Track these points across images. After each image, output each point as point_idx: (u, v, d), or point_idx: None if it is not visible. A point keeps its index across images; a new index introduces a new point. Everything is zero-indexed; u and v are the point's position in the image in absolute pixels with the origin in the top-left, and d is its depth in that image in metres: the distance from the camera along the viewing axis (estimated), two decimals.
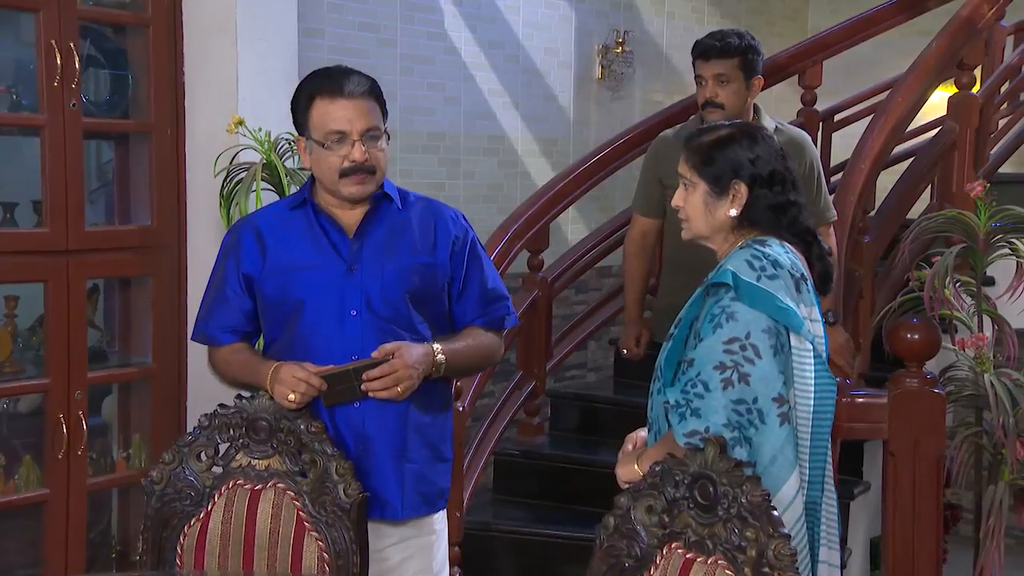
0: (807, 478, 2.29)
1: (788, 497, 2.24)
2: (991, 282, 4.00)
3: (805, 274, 2.35)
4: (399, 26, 4.97)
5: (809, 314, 2.31)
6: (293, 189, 3.43)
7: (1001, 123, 4.81)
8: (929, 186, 4.36)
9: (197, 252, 3.95)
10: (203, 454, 2.52)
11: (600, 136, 5.85)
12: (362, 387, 2.53)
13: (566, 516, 4.30)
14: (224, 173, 3.63)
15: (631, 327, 3.98)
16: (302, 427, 2.46)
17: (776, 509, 2.01)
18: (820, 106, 4.99)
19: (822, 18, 7.21)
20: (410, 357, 2.58)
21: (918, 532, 2.98)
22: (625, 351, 4.00)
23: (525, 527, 4.24)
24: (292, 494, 2.47)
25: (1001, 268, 3.79)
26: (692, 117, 3.80)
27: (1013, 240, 3.44)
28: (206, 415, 2.54)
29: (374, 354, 2.58)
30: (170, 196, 3.94)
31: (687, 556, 2.06)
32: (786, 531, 1.97)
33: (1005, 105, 4.86)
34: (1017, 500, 3.50)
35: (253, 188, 3.41)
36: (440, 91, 5.16)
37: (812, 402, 2.29)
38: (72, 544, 3.67)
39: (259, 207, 3.49)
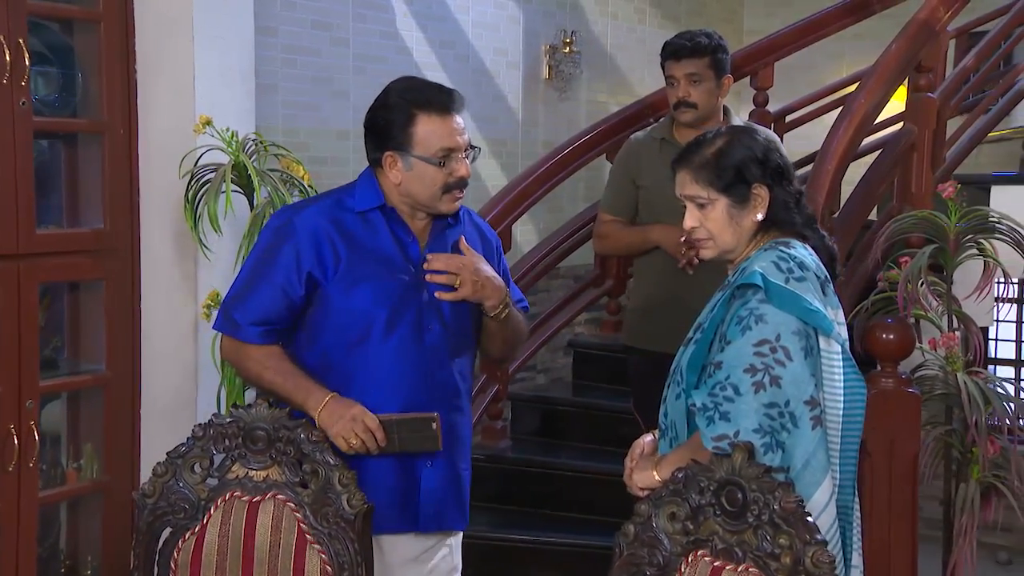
0: (838, 482, 2.26)
1: (822, 502, 2.21)
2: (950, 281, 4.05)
3: (827, 276, 2.33)
4: (351, 25, 4.90)
5: (835, 316, 2.29)
6: (264, 192, 3.33)
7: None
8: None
9: (152, 255, 3.83)
10: (197, 466, 2.42)
11: (548, 137, 5.83)
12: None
13: (532, 520, 4.27)
14: (188, 175, 3.51)
15: (661, 230, 3.62)
16: (302, 436, 2.38)
17: (811, 515, 1.99)
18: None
19: (756, 21, 7.31)
20: (481, 266, 2.66)
21: (894, 531, 3.01)
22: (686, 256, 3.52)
23: (491, 532, 4.20)
24: (292, 505, 2.39)
25: (960, 269, 3.82)
26: (663, 118, 3.77)
27: (981, 240, 3.49)
28: (200, 425, 2.45)
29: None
30: (123, 198, 3.80)
31: (715, 564, 2.02)
32: (822, 537, 1.94)
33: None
34: (983, 497, 3.55)
35: (223, 190, 3.30)
36: None
37: (842, 405, 2.27)
38: (23, 561, 3.52)
39: (228, 208, 3.43)
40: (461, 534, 2.85)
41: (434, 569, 2.74)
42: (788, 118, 5.34)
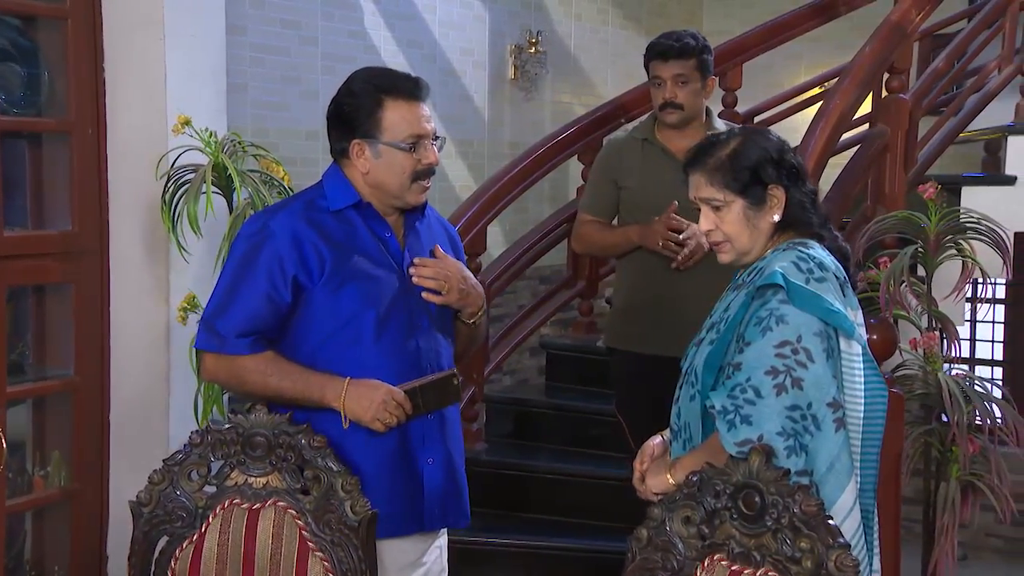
0: (859, 485, 2.25)
1: (847, 505, 2.19)
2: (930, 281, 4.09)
3: (846, 277, 2.32)
4: (320, 24, 4.85)
5: (855, 318, 2.27)
6: (244, 192, 3.26)
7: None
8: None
9: (122, 258, 3.76)
10: (195, 473, 2.35)
11: (515, 138, 5.81)
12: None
13: (509, 523, 4.24)
14: (164, 176, 3.44)
15: (641, 230, 3.57)
16: (303, 442, 2.32)
17: (834, 518, 1.97)
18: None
19: (716, 21, 7.35)
20: (465, 273, 2.67)
21: (879, 530, 3.01)
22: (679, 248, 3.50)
23: (468, 535, 4.14)
24: (294, 512, 2.33)
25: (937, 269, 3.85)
26: (644, 119, 3.76)
27: (960, 241, 3.51)
28: (197, 431, 2.38)
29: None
30: (92, 199, 3.72)
31: (732, 568, 2.00)
32: (845, 541, 1.93)
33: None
34: (961, 497, 3.58)
35: (203, 191, 3.23)
36: None
37: (863, 407, 2.25)
38: None
39: (208, 210, 3.36)
40: (446, 535, 2.82)
41: (428, 572, 2.72)
42: (756, 119, 5.36)
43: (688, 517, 2.06)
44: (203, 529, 2.34)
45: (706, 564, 2.03)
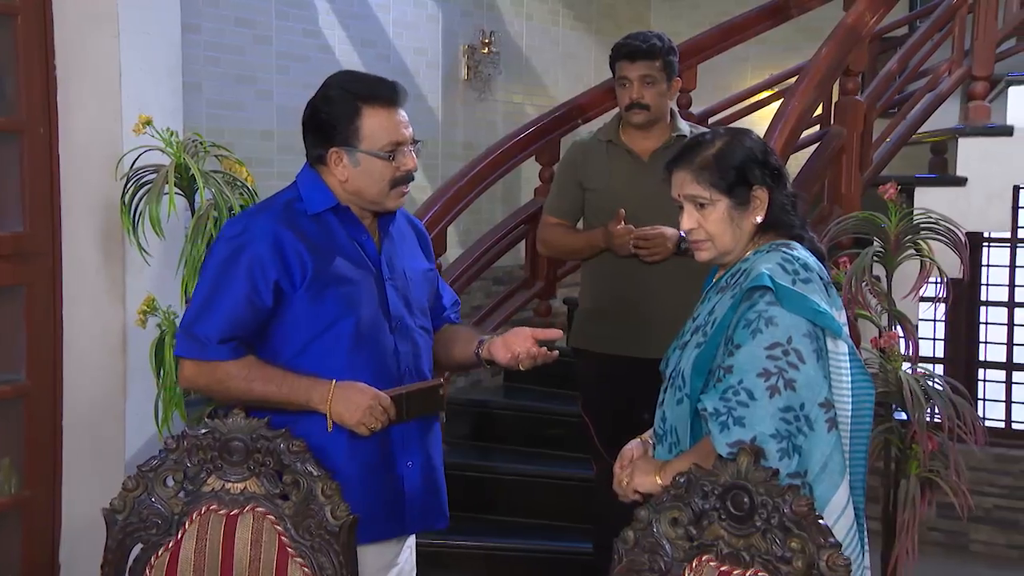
0: (850, 483, 2.26)
1: (841, 504, 2.20)
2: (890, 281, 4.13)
3: (828, 278, 2.33)
4: (274, 22, 4.79)
5: (839, 317, 2.28)
6: (207, 193, 3.20)
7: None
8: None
9: (76, 260, 3.68)
10: (170, 479, 2.30)
11: (468, 138, 5.79)
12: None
13: (472, 526, 4.22)
14: (124, 177, 3.37)
15: (607, 234, 3.55)
16: (282, 447, 2.28)
17: (828, 518, 1.98)
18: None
19: (663, 23, 7.40)
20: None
21: None
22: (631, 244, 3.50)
23: (431, 539, 4.13)
24: (273, 518, 2.29)
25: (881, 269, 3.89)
26: (609, 121, 3.76)
27: (919, 241, 3.56)
28: (173, 437, 2.33)
29: None
30: (44, 200, 3.64)
31: (721, 569, 2.00)
32: (836, 540, 1.93)
33: None
34: (920, 493, 3.62)
35: (165, 191, 3.17)
36: (315, 90, 4.96)
37: (850, 406, 2.26)
38: None
39: (171, 211, 3.30)
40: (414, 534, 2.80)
41: (401, 571, 2.71)
42: (711, 120, 5.39)
43: (676, 518, 2.06)
44: (179, 536, 2.29)
45: (694, 565, 2.03)
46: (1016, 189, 5.26)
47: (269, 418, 2.36)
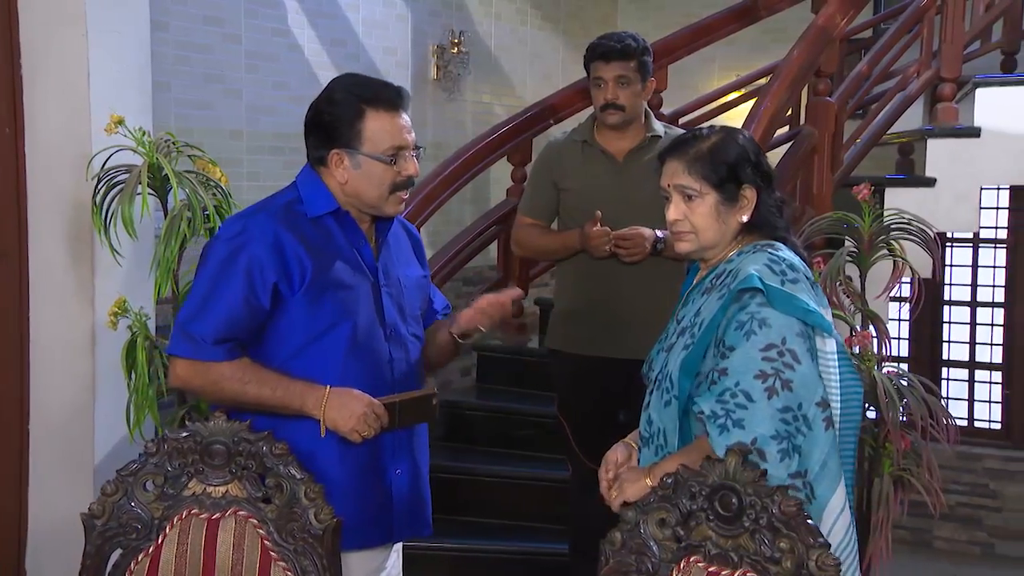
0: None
1: (840, 503, 2.19)
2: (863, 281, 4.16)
3: (813, 278, 2.34)
4: (243, 21, 4.75)
5: (827, 316, 2.29)
6: (181, 194, 3.16)
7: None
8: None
9: (43, 261, 3.63)
10: (150, 483, 2.27)
11: (438, 138, 5.77)
12: None
13: (446, 528, 4.17)
14: (94, 177, 3.32)
15: (583, 235, 3.54)
16: (265, 449, 2.25)
17: (828, 519, 1.97)
18: None
19: (630, 23, 7.42)
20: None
21: None
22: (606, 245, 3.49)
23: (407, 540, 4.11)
24: (255, 522, 2.26)
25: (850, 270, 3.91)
26: (584, 121, 3.75)
27: (892, 241, 3.58)
28: (153, 440, 2.29)
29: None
30: (9, 200, 3.59)
31: (709, 570, 1.99)
32: (825, 540, 1.93)
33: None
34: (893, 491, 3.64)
35: (138, 191, 3.12)
36: (285, 90, 4.96)
37: (839, 404, 2.27)
38: None
39: (144, 211, 3.26)
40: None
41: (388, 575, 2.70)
42: (681, 120, 5.41)
43: (663, 519, 2.05)
44: (159, 541, 2.26)
45: (682, 566, 2.02)
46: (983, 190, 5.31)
47: (251, 420, 2.33)
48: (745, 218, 2.35)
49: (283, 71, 4.95)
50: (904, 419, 3.55)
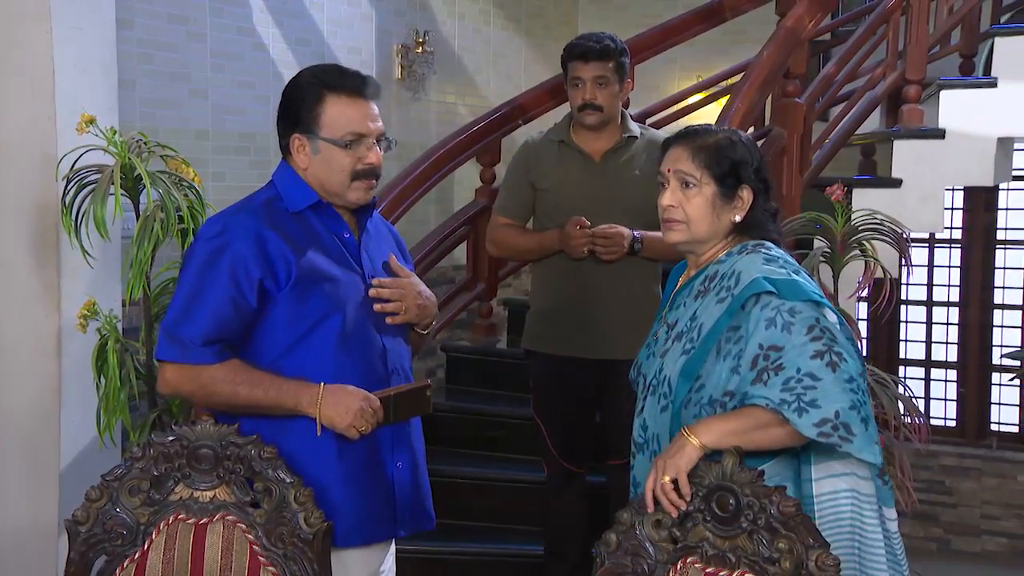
0: None
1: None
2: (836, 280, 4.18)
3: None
4: (208, 19, 4.69)
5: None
6: (154, 194, 3.11)
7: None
8: None
9: (6, 264, 3.56)
10: (136, 488, 2.21)
11: (402, 137, 5.70)
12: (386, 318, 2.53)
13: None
14: (63, 177, 3.25)
15: (562, 235, 3.53)
16: (253, 453, 2.21)
17: (812, 518, 1.97)
18: None
19: (591, 24, 7.40)
20: (420, 287, 2.61)
21: None
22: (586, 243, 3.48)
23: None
24: (244, 526, 2.22)
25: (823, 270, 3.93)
26: (560, 121, 3.73)
27: (864, 242, 3.61)
28: (139, 445, 2.24)
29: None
30: None
31: (706, 571, 1.99)
32: (824, 540, 1.93)
33: None
34: None
35: (111, 192, 3.06)
36: (250, 89, 4.90)
37: None
38: None
39: (117, 212, 3.20)
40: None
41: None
42: (648, 121, 5.40)
43: (659, 520, 2.04)
44: (146, 547, 2.22)
45: (679, 567, 2.02)
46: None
47: (239, 424, 2.29)
48: (739, 218, 2.36)
49: (248, 70, 4.89)
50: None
